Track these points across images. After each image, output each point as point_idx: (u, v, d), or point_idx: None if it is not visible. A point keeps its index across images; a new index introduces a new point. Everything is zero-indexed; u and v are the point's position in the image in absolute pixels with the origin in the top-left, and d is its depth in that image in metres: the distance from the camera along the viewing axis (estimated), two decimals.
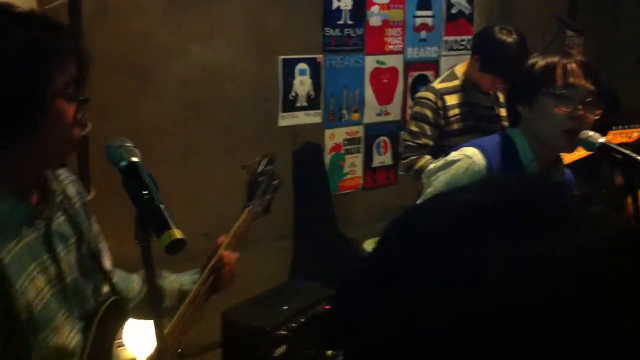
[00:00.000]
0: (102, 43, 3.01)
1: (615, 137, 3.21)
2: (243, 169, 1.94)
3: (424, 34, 4.50)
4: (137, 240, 1.34)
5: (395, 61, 4.40)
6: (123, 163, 1.39)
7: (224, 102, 3.71)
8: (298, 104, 4.02)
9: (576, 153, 2.83)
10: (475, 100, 3.29)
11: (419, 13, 4.45)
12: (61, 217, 1.51)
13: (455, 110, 3.25)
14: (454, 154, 2.05)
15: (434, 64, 4.58)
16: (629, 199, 1.99)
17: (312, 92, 4.06)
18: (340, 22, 4.09)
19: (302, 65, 3.99)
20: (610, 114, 2.91)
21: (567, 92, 1.90)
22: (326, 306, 3.19)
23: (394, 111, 4.47)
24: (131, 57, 3.30)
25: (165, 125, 3.49)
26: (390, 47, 4.36)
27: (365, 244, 4.08)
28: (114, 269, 1.74)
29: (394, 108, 4.46)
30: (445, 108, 3.23)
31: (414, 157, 3.20)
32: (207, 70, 3.61)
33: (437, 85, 3.32)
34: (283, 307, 3.11)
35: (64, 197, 1.53)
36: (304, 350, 3.07)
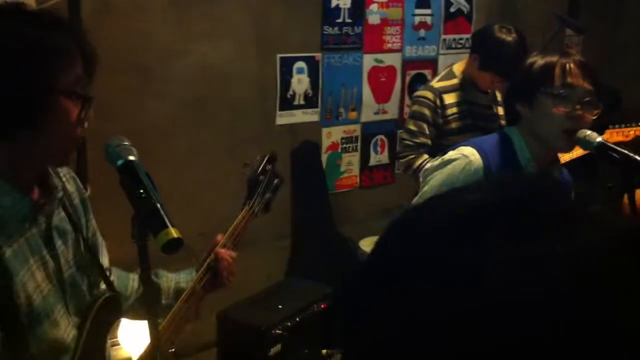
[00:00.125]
0: (103, 42, 2.99)
1: (612, 136, 3.21)
2: (244, 168, 1.93)
3: (422, 33, 4.50)
4: (134, 239, 1.35)
5: (393, 60, 4.40)
6: (120, 162, 1.40)
7: (225, 101, 3.70)
8: (296, 103, 4.02)
9: (574, 152, 2.84)
10: (474, 99, 3.29)
11: (418, 11, 4.45)
12: (61, 213, 1.52)
13: (454, 109, 3.25)
14: (451, 153, 2.05)
15: (432, 63, 4.58)
16: (625, 199, 1.99)
17: (310, 91, 4.06)
18: (339, 21, 4.09)
19: (300, 64, 3.99)
20: (610, 113, 2.91)
21: (566, 92, 1.90)
22: (322, 305, 3.19)
23: (391, 110, 4.47)
24: (132, 57, 3.30)
25: (166, 124, 3.49)
26: (389, 46, 4.35)
27: (363, 242, 4.08)
28: (112, 268, 1.75)
29: (391, 107, 4.46)
30: (443, 107, 3.23)
31: (413, 156, 3.20)
32: (209, 69, 3.60)
33: (436, 84, 3.32)
34: (279, 306, 3.11)
35: (64, 194, 1.55)
36: (300, 349, 3.07)
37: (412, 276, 0.50)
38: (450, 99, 3.25)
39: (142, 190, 1.34)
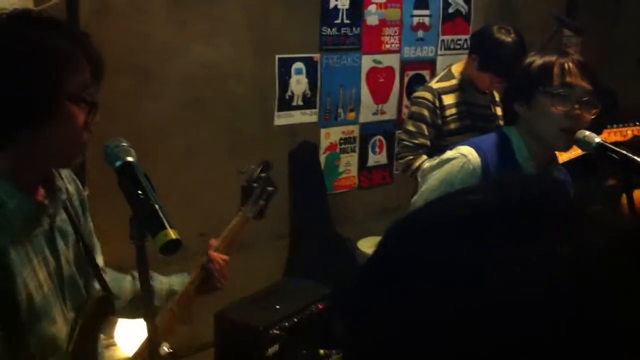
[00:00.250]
0: (102, 43, 2.97)
1: (610, 136, 3.21)
2: (239, 175, 1.99)
3: (421, 34, 4.50)
4: (132, 240, 1.35)
5: (392, 60, 4.40)
6: (118, 163, 1.41)
7: (224, 102, 3.70)
8: (294, 103, 4.01)
9: (572, 152, 2.84)
10: (473, 100, 3.29)
11: (416, 12, 4.45)
12: (63, 215, 1.55)
13: (453, 110, 3.25)
14: (450, 152, 2.05)
15: (430, 64, 4.59)
16: (624, 198, 2.00)
17: (309, 91, 4.06)
18: (338, 22, 4.09)
19: (299, 64, 3.99)
20: (608, 113, 2.91)
21: (564, 92, 1.90)
22: (320, 305, 3.19)
23: (389, 110, 4.47)
24: (131, 57, 3.29)
25: (165, 125, 3.49)
26: (387, 47, 4.36)
27: (361, 243, 4.08)
28: (107, 268, 1.77)
29: (390, 107, 4.46)
30: (442, 107, 3.23)
31: (411, 157, 3.20)
32: (207, 69, 3.60)
33: (435, 84, 3.31)
34: (277, 307, 3.10)
35: (67, 195, 1.57)
36: (298, 349, 3.07)
37: (413, 276, 0.50)
38: (449, 99, 3.25)
39: (141, 191, 1.35)
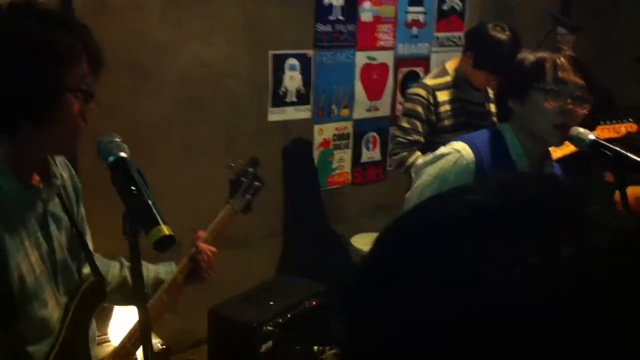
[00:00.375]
0: (98, 41, 2.98)
1: (603, 132, 3.22)
2: (228, 169, 2.06)
3: (415, 30, 4.50)
4: (125, 236, 1.35)
5: (386, 57, 4.40)
6: (112, 158, 1.42)
7: (219, 99, 3.69)
8: (288, 100, 4.01)
9: (566, 149, 2.85)
10: (467, 97, 3.29)
11: (411, 9, 4.45)
12: (56, 200, 1.59)
13: (447, 107, 3.25)
14: (443, 148, 2.05)
15: (424, 61, 4.59)
16: (617, 195, 2.00)
17: (302, 88, 4.05)
18: (332, 18, 4.08)
19: (292, 61, 3.98)
20: (603, 111, 2.91)
21: (557, 87, 1.90)
22: (314, 302, 3.19)
23: (383, 107, 4.47)
24: (127, 55, 3.28)
25: (161, 122, 3.48)
26: (382, 43, 4.35)
27: (355, 239, 4.09)
28: (95, 254, 1.80)
29: (383, 104, 4.46)
30: (436, 104, 3.23)
31: (405, 154, 3.20)
32: (202, 67, 3.59)
33: (429, 81, 3.31)
34: (270, 303, 3.10)
35: (61, 181, 1.62)
36: (291, 346, 3.07)
37: (411, 276, 0.49)
38: (443, 96, 3.25)
39: (134, 187, 1.35)
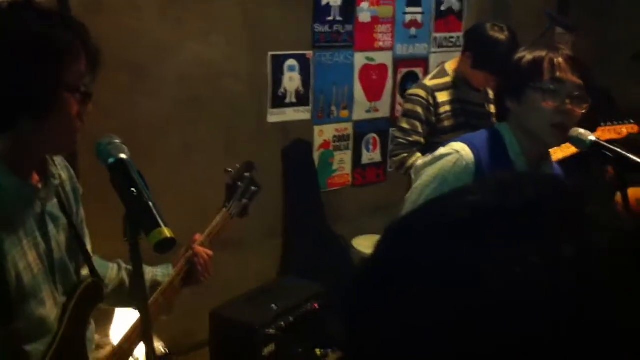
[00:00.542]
0: (97, 40, 2.98)
1: (604, 134, 3.21)
2: (225, 174, 2.06)
3: (413, 31, 4.49)
4: (126, 238, 1.35)
5: (384, 58, 4.40)
6: (111, 160, 1.42)
7: (218, 99, 3.69)
8: (287, 101, 4.01)
9: (567, 150, 2.84)
10: (467, 97, 3.29)
11: (409, 10, 4.45)
12: (54, 199, 1.59)
13: (446, 107, 3.25)
14: (443, 149, 2.05)
15: (423, 61, 4.58)
16: (618, 196, 2.00)
17: (302, 89, 4.05)
18: (330, 19, 4.08)
19: (292, 62, 3.98)
20: (602, 112, 2.90)
21: (555, 87, 1.89)
22: (315, 305, 3.18)
23: (383, 108, 4.46)
24: (125, 55, 3.28)
25: (159, 122, 3.48)
26: (380, 44, 4.35)
27: (355, 241, 4.08)
28: (94, 255, 1.80)
29: (383, 105, 4.46)
30: (436, 105, 3.23)
31: (405, 155, 3.20)
32: (201, 67, 3.59)
33: (428, 82, 3.31)
34: (272, 305, 3.09)
35: (60, 181, 1.62)
36: (293, 348, 3.06)
37: (411, 277, 0.49)
38: (443, 97, 3.25)
39: (134, 189, 1.34)
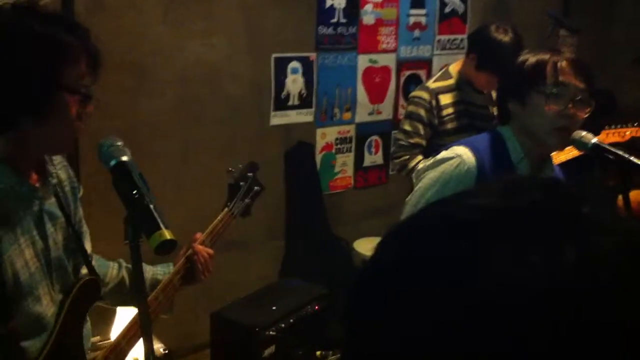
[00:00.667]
0: (98, 41, 2.98)
1: (608, 137, 3.21)
2: (227, 173, 2.08)
3: (417, 33, 4.50)
4: (127, 240, 1.35)
5: (388, 60, 4.40)
6: (113, 162, 1.42)
7: (220, 100, 3.69)
8: (290, 103, 4.01)
9: (570, 153, 2.84)
10: (470, 99, 3.29)
11: (413, 12, 4.45)
12: (53, 199, 1.60)
13: (450, 110, 3.25)
14: (444, 152, 2.04)
15: (426, 63, 4.58)
16: (620, 199, 1.99)
17: (305, 91, 4.05)
18: (334, 21, 4.08)
19: (295, 64, 3.98)
20: (605, 114, 2.90)
21: (558, 90, 1.89)
22: (316, 306, 3.18)
23: (386, 110, 4.46)
24: (127, 55, 3.28)
25: (161, 123, 3.48)
26: (384, 46, 4.35)
27: (357, 243, 4.08)
28: (93, 254, 1.82)
29: (386, 107, 4.46)
30: (439, 107, 3.23)
31: (407, 157, 3.20)
32: (203, 68, 3.59)
33: (432, 84, 3.31)
34: (273, 307, 3.09)
35: (58, 181, 1.63)
36: (294, 350, 3.06)
37: (412, 278, 0.50)
38: (446, 99, 3.25)
39: (135, 191, 1.35)
